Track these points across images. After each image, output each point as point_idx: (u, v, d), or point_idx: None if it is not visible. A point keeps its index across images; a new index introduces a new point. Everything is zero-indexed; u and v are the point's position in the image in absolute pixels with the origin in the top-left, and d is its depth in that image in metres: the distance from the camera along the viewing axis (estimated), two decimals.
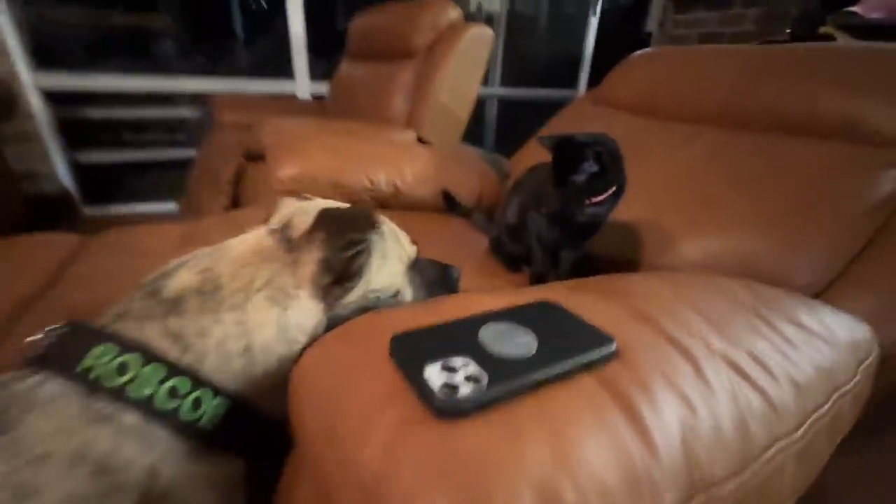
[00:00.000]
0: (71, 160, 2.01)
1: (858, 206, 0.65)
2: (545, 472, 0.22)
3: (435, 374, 0.26)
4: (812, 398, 0.37)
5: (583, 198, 0.62)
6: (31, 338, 0.32)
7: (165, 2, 2.42)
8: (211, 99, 1.93)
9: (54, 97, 1.91)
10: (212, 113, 1.89)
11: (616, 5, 2.64)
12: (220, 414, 0.31)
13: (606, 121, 1.05)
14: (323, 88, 2.15)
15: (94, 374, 0.28)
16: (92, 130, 2.31)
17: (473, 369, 0.26)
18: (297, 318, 0.36)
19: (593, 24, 2.51)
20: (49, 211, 1.91)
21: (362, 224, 0.37)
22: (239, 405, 0.33)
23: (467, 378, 0.26)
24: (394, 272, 0.43)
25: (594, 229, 0.67)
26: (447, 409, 0.24)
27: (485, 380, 0.26)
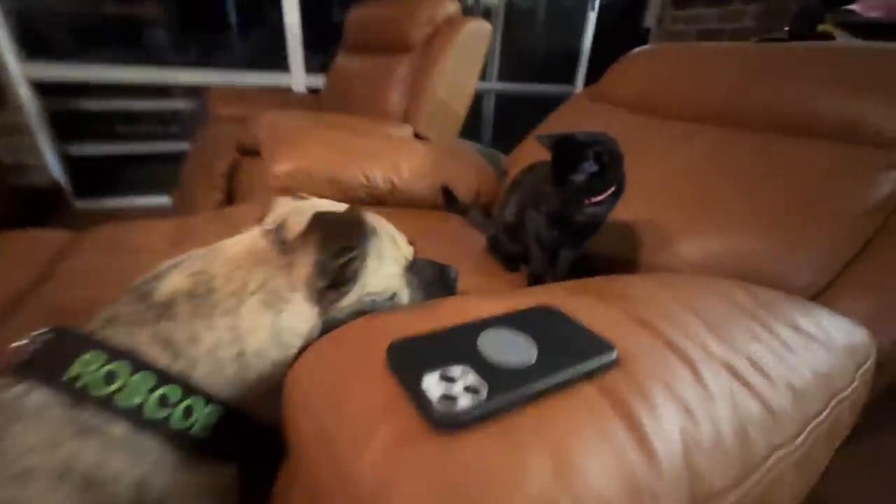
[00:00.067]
0: (61, 152, 1.97)
1: (857, 207, 0.65)
2: (546, 487, 0.22)
3: (433, 384, 0.25)
4: (811, 404, 0.37)
5: (582, 197, 0.61)
6: (16, 343, 0.31)
7: None
8: (205, 91, 1.90)
9: (44, 88, 1.87)
10: (206, 105, 1.86)
11: (615, 0, 2.62)
12: (213, 421, 0.31)
13: (605, 118, 1.05)
14: (319, 81, 2.13)
15: (82, 383, 0.27)
16: (83, 122, 2.27)
17: (472, 379, 0.26)
18: (291, 322, 0.35)
19: (591, 19, 2.50)
20: (39, 204, 1.88)
21: (356, 231, 0.36)
22: (232, 412, 0.32)
23: (466, 388, 0.25)
24: (390, 274, 0.42)
25: (593, 229, 0.66)
26: (446, 422, 0.23)
27: (484, 390, 0.25)
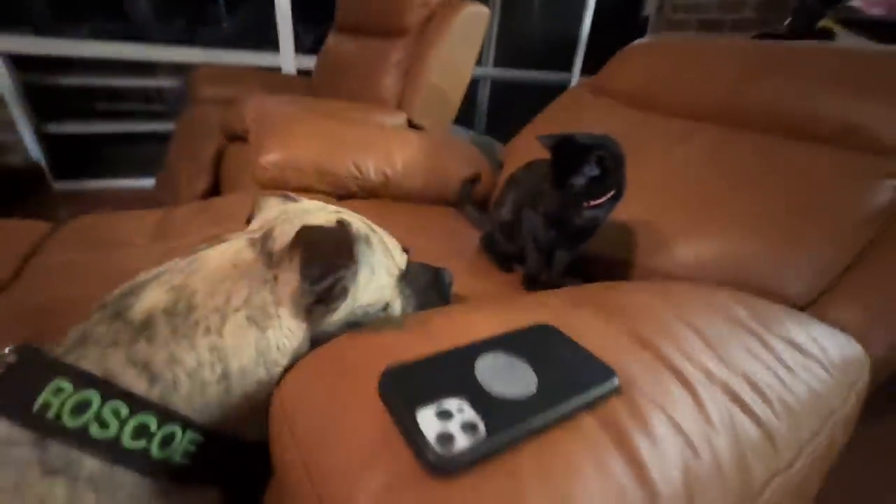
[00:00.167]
0: (39, 131, 1.89)
1: (855, 216, 0.64)
2: None
3: (428, 420, 0.24)
4: (807, 426, 0.36)
5: (581, 200, 0.59)
6: None
7: None
8: (191, 69, 1.83)
9: (19, 62, 1.78)
10: (188, 85, 1.79)
11: None
12: (194, 448, 0.29)
13: (604, 113, 1.03)
14: (309, 62, 2.06)
15: (51, 414, 0.25)
16: (62, 99, 2.18)
17: (470, 415, 0.25)
18: (277, 340, 0.34)
19: (590, 5, 2.44)
20: (17, 185, 1.81)
21: (342, 254, 0.34)
22: (214, 436, 0.30)
23: (463, 427, 0.24)
24: (382, 285, 0.41)
25: (591, 231, 0.65)
26: (443, 466, 0.22)
27: (482, 428, 0.24)
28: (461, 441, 0.23)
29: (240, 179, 1.14)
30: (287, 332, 0.34)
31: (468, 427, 0.24)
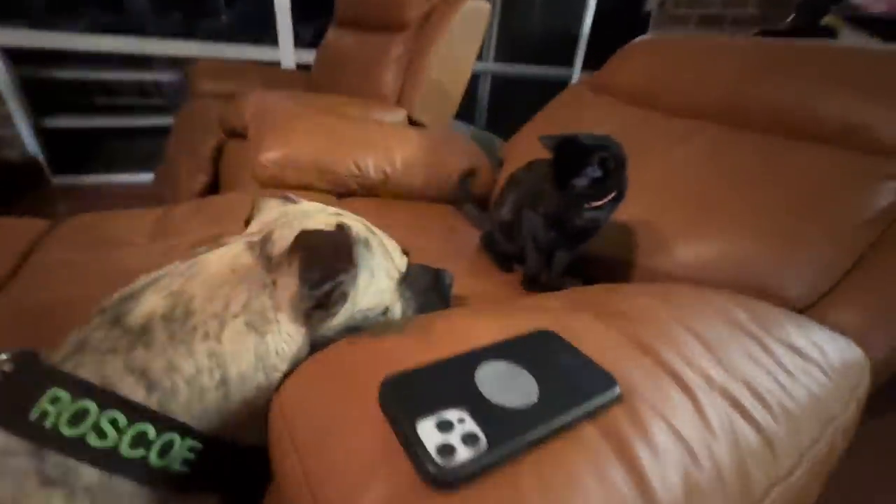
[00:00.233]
0: (36, 125, 1.88)
1: (856, 218, 0.64)
2: None
3: (429, 431, 0.24)
4: (807, 433, 0.36)
5: (582, 201, 0.59)
6: None
7: None
8: (189, 62, 1.81)
9: (16, 56, 1.76)
10: (187, 79, 1.77)
11: None
12: (193, 456, 0.29)
13: (605, 111, 1.02)
14: (308, 57, 2.04)
15: (49, 423, 0.25)
16: (59, 93, 2.16)
17: (470, 426, 0.24)
18: (276, 345, 0.34)
19: (591, 0, 2.42)
20: (15, 180, 1.80)
21: (341, 258, 0.34)
22: (213, 443, 0.30)
23: (464, 438, 0.24)
24: (382, 289, 0.40)
25: (592, 232, 0.65)
26: (443, 479, 0.22)
27: (483, 439, 0.24)
28: (462, 453, 0.23)
29: (239, 176, 1.13)
30: (286, 337, 0.34)
31: (469, 438, 0.24)
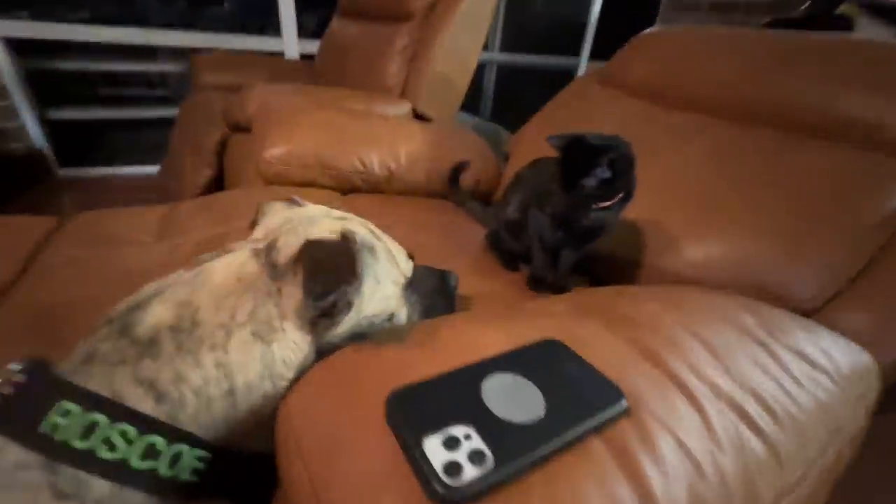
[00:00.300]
0: (42, 117, 1.88)
1: (867, 219, 0.63)
2: None
3: (435, 449, 0.24)
4: (815, 443, 0.36)
5: (590, 202, 0.58)
6: None
7: None
8: (193, 53, 1.80)
9: (19, 47, 1.75)
10: (190, 71, 1.77)
11: None
12: (201, 465, 0.29)
13: (612, 105, 1.00)
14: (312, 47, 2.02)
15: (60, 437, 0.25)
16: (64, 84, 2.15)
17: (477, 443, 0.24)
18: (283, 354, 0.34)
19: None
20: (21, 172, 1.81)
21: (345, 271, 0.33)
22: (220, 452, 0.31)
23: (471, 456, 0.24)
24: (388, 295, 0.40)
25: (598, 232, 0.64)
26: (450, 497, 0.22)
27: (490, 457, 0.24)
28: (469, 471, 0.23)
29: (244, 170, 1.13)
30: (292, 346, 0.34)
31: (476, 456, 0.24)
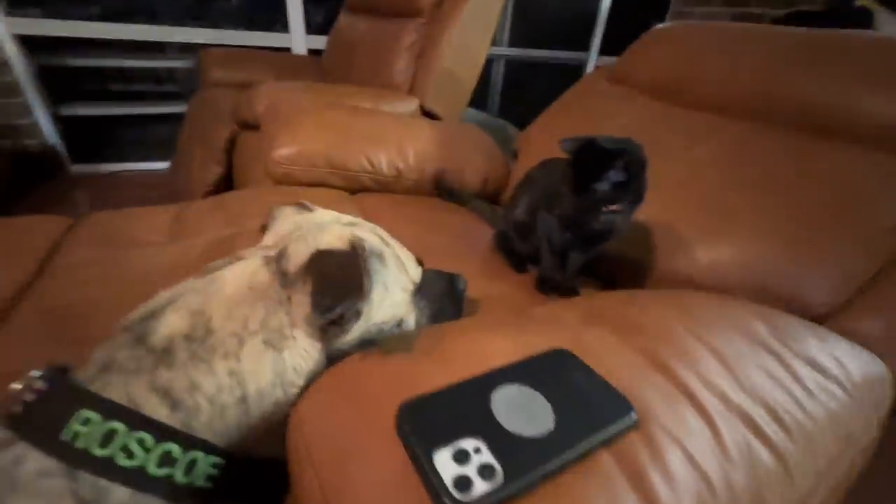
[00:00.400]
0: (54, 113, 1.90)
1: (884, 223, 0.62)
2: None
3: (445, 462, 0.24)
4: (826, 454, 0.36)
5: (601, 205, 0.58)
6: (14, 384, 0.29)
7: None
8: (201, 52, 1.81)
9: (30, 44, 1.77)
10: (198, 68, 1.77)
11: None
12: (215, 472, 0.30)
13: (623, 103, 0.99)
14: (319, 42, 2.02)
15: (80, 445, 0.26)
16: (75, 80, 2.18)
17: (487, 457, 0.25)
18: (293, 361, 0.34)
19: None
20: (35, 168, 1.83)
21: (353, 284, 0.34)
22: (234, 459, 0.31)
23: (480, 470, 0.24)
24: (397, 302, 0.41)
25: (608, 235, 0.64)
26: None
27: (500, 471, 0.24)
28: (479, 486, 0.23)
29: (253, 169, 1.13)
30: (302, 353, 0.35)
31: (486, 470, 0.24)
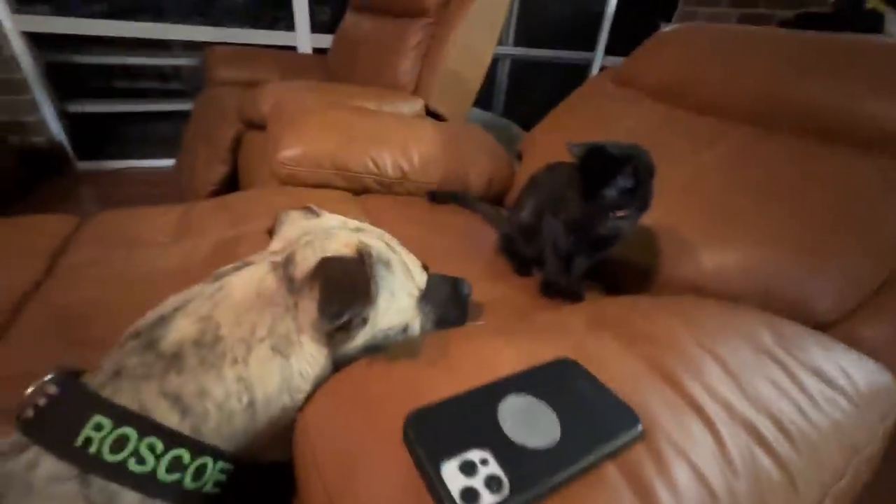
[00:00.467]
0: (60, 110, 1.91)
1: (891, 231, 0.61)
2: None
3: (453, 474, 0.24)
4: (831, 466, 0.36)
5: (608, 211, 0.58)
6: (28, 389, 0.30)
7: None
8: (206, 47, 1.81)
9: (38, 41, 1.78)
10: (204, 66, 1.78)
11: None
12: (224, 478, 0.30)
13: (629, 106, 0.99)
14: (325, 41, 2.02)
15: (92, 450, 0.26)
16: (81, 77, 2.18)
17: (494, 469, 0.25)
18: (300, 367, 0.34)
19: None
20: (41, 165, 1.84)
21: (359, 293, 0.34)
22: (241, 464, 0.32)
23: (487, 482, 0.24)
24: (403, 308, 0.41)
25: (613, 241, 0.64)
26: None
27: (506, 484, 0.24)
28: (486, 498, 0.23)
29: (258, 168, 1.14)
30: (309, 359, 0.35)
31: (493, 482, 0.24)
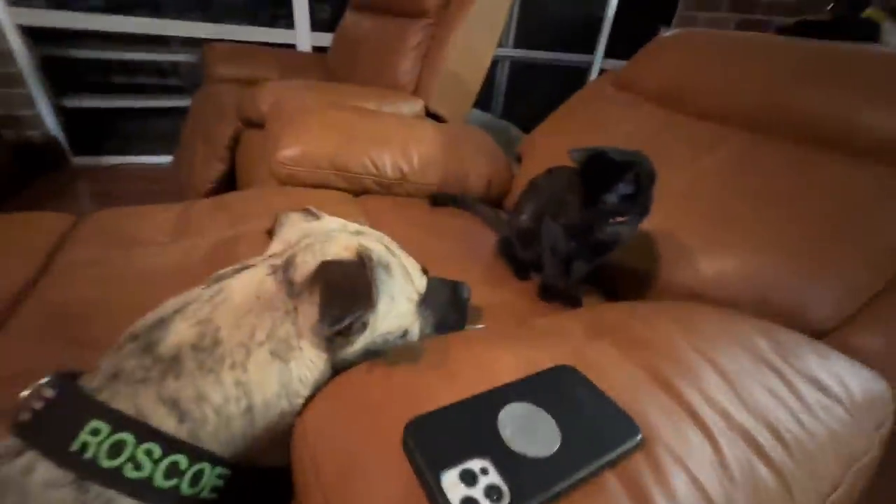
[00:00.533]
0: (56, 105, 1.89)
1: (888, 239, 0.62)
2: None
3: (453, 484, 0.24)
4: (828, 476, 0.36)
5: (608, 216, 0.58)
6: (24, 392, 0.29)
7: None
8: (205, 46, 1.80)
9: (35, 35, 1.77)
10: (202, 63, 1.77)
11: None
12: (221, 483, 0.30)
13: (628, 110, 0.99)
14: (324, 39, 2.01)
15: (89, 455, 0.26)
16: (78, 72, 2.17)
17: (494, 478, 0.25)
18: (299, 372, 0.34)
19: None
20: (37, 160, 1.83)
21: (360, 297, 0.34)
22: (238, 469, 0.31)
23: (487, 492, 0.24)
24: (402, 312, 0.41)
25: (612, 246, 0.64)
26: None
27: (506, 493, 0.24)
28: None
29: (256, 167, 1.13)
30: (308, 363, 0.35)
31: (493, 491, 0.24)
